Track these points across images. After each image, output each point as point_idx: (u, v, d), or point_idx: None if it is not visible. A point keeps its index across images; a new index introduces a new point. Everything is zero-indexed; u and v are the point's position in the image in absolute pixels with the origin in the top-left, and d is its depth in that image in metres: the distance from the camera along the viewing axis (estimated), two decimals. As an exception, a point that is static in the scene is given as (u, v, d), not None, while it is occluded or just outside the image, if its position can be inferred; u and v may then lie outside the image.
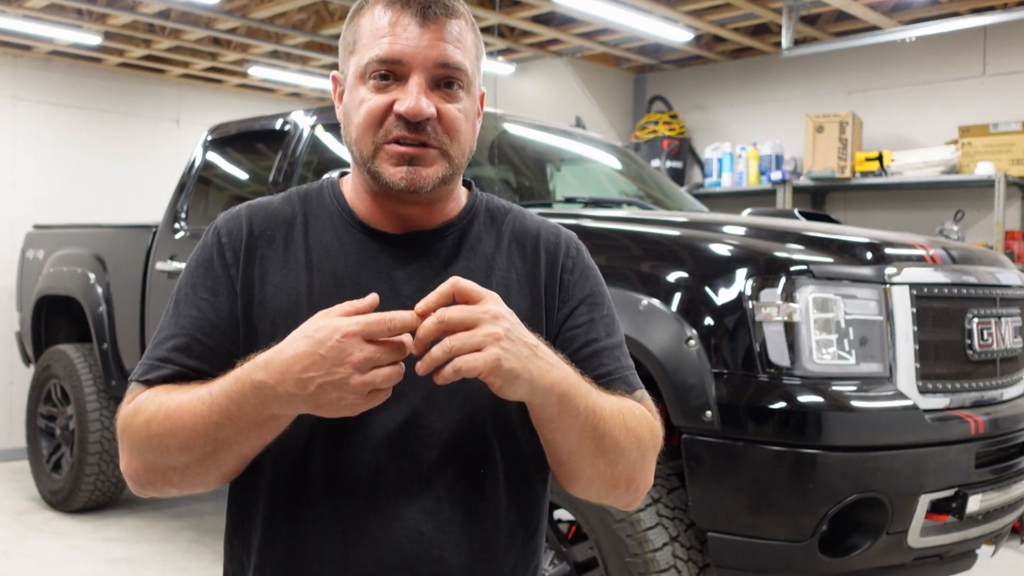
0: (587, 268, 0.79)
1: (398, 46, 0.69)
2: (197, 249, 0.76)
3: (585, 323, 0.75)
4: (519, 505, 0.74)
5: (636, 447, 0.70)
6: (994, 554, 1.83)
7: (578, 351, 0.74)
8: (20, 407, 3.76)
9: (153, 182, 4.29)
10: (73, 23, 3.61)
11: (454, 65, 0.70)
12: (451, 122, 0.70)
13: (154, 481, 0.68)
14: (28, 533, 2.96)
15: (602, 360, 0.74)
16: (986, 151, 3.22)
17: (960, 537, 1.58)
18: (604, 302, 0.78)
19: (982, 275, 1.72)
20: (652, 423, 0.74)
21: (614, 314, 0.78)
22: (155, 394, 0.68)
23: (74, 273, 3.13)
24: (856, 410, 1.45)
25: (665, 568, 1.50)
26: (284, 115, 2.55)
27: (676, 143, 4.12)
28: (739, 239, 1.64)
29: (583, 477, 0.70)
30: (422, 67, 0.69)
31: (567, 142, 2.68)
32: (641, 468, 0.72)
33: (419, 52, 0.69)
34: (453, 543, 0.70)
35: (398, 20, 0.69)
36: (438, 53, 0.69)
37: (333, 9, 3.68)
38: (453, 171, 0.72)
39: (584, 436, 0.67)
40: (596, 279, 0.79)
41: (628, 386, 0.75)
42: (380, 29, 0.70)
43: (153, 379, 0.70)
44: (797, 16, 3.29)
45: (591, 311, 0.76)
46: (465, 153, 0.73)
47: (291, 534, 0.71)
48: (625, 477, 0.71)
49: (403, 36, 0.69)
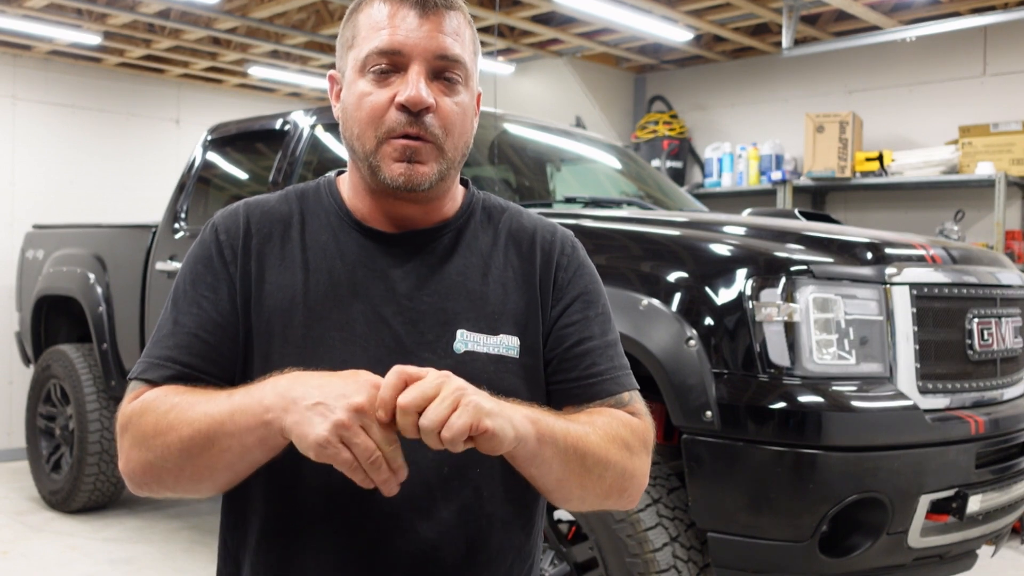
0: (582, 266, 0.78)
1: (398, 37, 0.69)
2: (195, 246, 0.75)
3: (578, 321, 0.74)
4: (515, 504, 0.74)
5: (621, 454, 0.70)
6: (994, 554, 1.83)
7: (570, 349, 0.74)
8: (20, 407, 3.76)
9: (153, 182, 4.29)
10: (73, 23, 3.61)
11: (453, 57, 0.70)
12: (448, 115, 0.70)
13: (150, 482, 0.68)
14: (28, 533, 2.96)
15: (594, 359, 0.74)
16: (986, 151, 3.22)
17: (960, 537, 1.58)
18: (599, 300, 0.77)
19: (982, 275, 1.71)
20: (634, 424, 0.73)
21: (609, 313, 0.78)
22: (165, 394, 0.67)
23: (74, 273, 3.13)
24: (856, 410, 1.45)
25: (665, 568, 1.49)
26: (284, 115, 2.55)
27: (676, 143, 4.12)
28: (739, 239, 1.64)
29: (574, 498, 0.70)
30: (421, 57, 0.69)
31: (567, 142, 2.68)
32: (631, 474, 0.71)
33: (419, 43, 0.69)
34: (449, 543, 0.70)
35: (397, 12, 0.69)
36: (437, 44, 0.69)
37: (333, 9, 3.68)
38: (448, 167, 0.71)
39: (567, 461, 0.66)
40: (591, 277, 0.78)
41: (620, 386, 0.74)
42: (379, 22, 0.70)
43: (155, 378, 0.69)
44: (797, 16, 3.29)
45: (585, 309, 0.75)
46: (459, 149, 0.72)
47: (286, 535, 0.70)
48: (616, 487, 0.70)
49: (402, 27, 0.69)
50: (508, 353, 0.72)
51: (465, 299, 0.73)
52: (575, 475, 0.67)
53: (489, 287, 0.73)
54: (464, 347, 0.71)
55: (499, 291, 0.74)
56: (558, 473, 0.66)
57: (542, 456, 0.64)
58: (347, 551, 0.69)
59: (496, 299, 0.73)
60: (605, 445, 0.68)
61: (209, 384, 0.69)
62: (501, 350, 0.72)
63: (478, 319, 0.72)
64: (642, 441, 0.72)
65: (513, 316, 0.73)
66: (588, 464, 0.67)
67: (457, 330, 0.71)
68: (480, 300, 0.73)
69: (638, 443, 0.72)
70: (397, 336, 0.71)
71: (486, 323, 0.72)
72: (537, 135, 2.58)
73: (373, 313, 0.71)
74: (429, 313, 0.72)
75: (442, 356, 0.70)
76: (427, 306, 0.72)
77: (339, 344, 0.70)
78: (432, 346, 0.71)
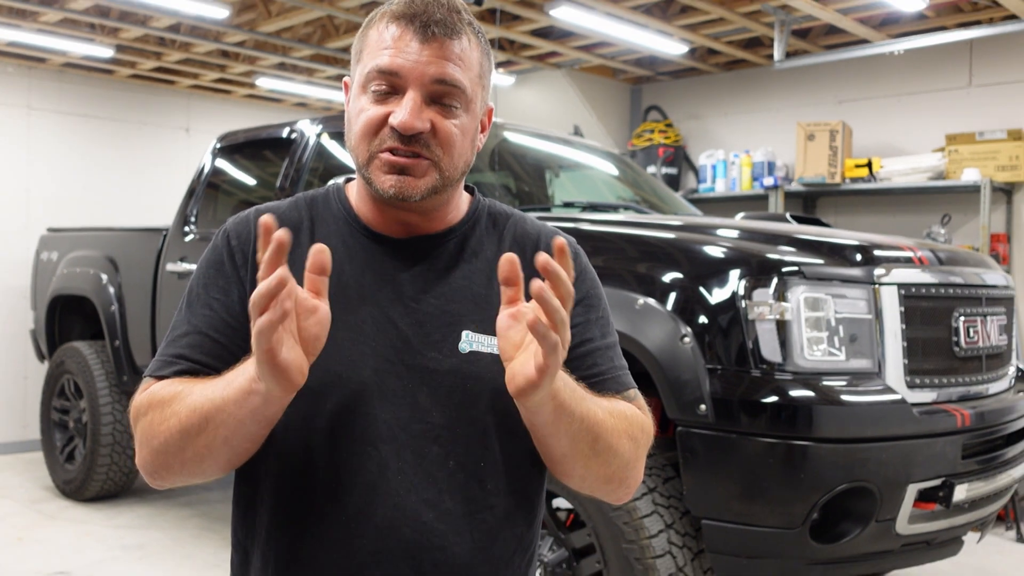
0: (583, 271, 0.79)
1: (398, 60, 0.71)
2: (208, 251, 0.78)
3: (580, 324, 0.76)
4: (518, 496, 0.75)
5: (630, 448, 0.72)
6: (980, 540, 1.87)
7: (572, 350, 0.74)
8: (35, 401, 3.84)
9: (163, 188, 4.35)
10: (86, 36, 3.68)
11: (451, 82, 0.71)
12: (446, 137, 0.71)
13: (160, 470, 0.69)
14: (42, 521, 3.00)
15: (595, 360, 0.76)
16: (972, 158, 3.28)
17: (947, 525, 1.62)
18: (600, 304, 0.79)
19: (968, 276, 1.76)
20: (644, 422, 0.75)
21: (609, 316, 0.80)
22: (171, 384, 0.70)
23: (87, 274, 3.19)
24: (846, 404, 1.49)
25: (661, 554, 1.53)
26: (291, 124, 2.61)
27: (671, 150, 4.17)
28: (733, 242, 1.68)
29: (576, 476, 0.72)
30: (418, 82, 0.71)
31: (565, 149, 2.73)
32: (634, 467, 0.73)
33: (416, 67, 0.70)
34: (453, 532, 0.71)
35: (402, 35, 0.71)
36: (436, 70, 0.71)
37: (339, 23, 3.75)
38: (444, 183, 0.73)
39: (578, 440, 0.68)
40: (592, 282, 0.80)
41: (620, 385, 0.76)
42: (384, 42, 0.72)
43: (167, 375, 0.72)
44: (789, 30, 3.35)
45: (587, 312, 0.77)
46: (458, 167, 0.74)
47: (295, 524, 0.72)
48: (619, 475, 0.72)
49: (404, 51, 0.71)
50: None
51: (470, 302, 0.74)
52: (581, 455, 0.69)
53: (494, 291, 0.74)
54: (469, 347, 0.73)
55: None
56: (565, 447, 0.68)
57: (554, 428, 0.66)
58: (353, 542, 0.70)
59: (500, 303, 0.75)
60: (617, 434, 0.70)
61: None
62: None
63: (483, 321, 0.73)
64: (647, 437, 0.75)
65: None
66: (598, 447, 0.69)
67: (462, 331, 0.73)
68: (485, 303, 0.74)
69: (644, 438, 0.74)
70: (404, 337, 0.72)
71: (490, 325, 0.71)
72: (536, 143, 2.63)
73: (381, 315, 0.73)
74: (435, 315, 0.73)
75: (448, 356, 0.72)
76: (433, 308, 0.74)
77: (348, 344, 0.71)
78: (439, 346, 0.72)
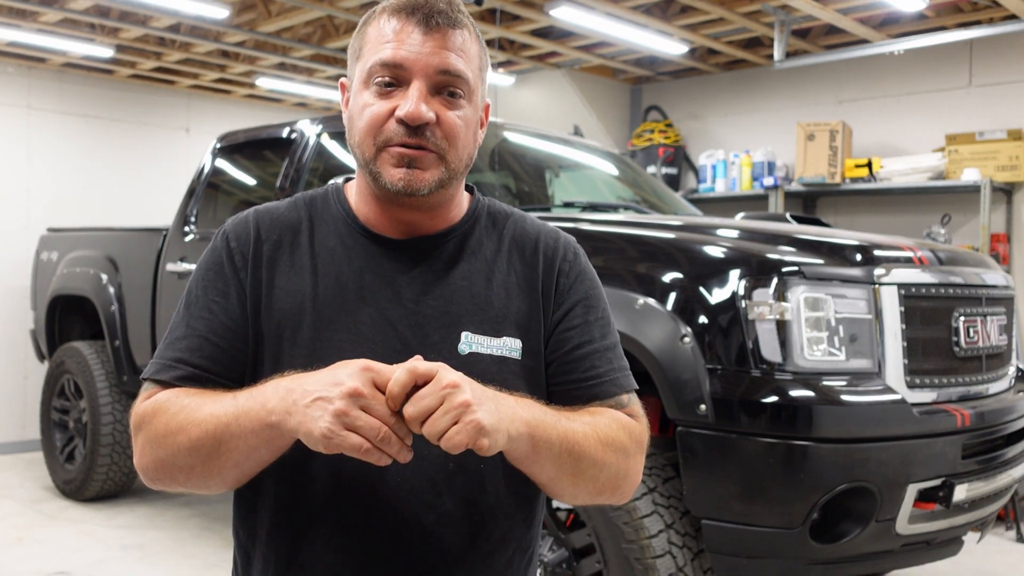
0: (583, 272, 0.79)
1: (401, 52, 0.70)
2: (207, 253, 0.77)
3: (579, 325, 0.76)
4: (517, 497, 0.75)
5: (616, 457, 0.71)
6: (980, 540, 1.87)
7: (571, 352, 0.75)
8: (35, 401, 3.85)
9: (163, 188, 4.35)
10: (86, 37, 3.68)
11: (455, 72, 0.71)
12: (450, 128, 0.71)
13: (163, 478, 0.70)
14: (43, 520, 3.01)
15: (594, 361, 0.76)
16: (972, 158, 3.28)
17: (947, 524, 1.62)
18: (599, 305, 0.79)
19: (968, 276, 1.76)
20: (632, 427, 0.74)
21: (609, 317, 0.79)
22: (176, 395, 0.69)
23: (87, 274, 3.19)
24: (845, 404, 1.49)
25: (661, 553, 1.53)
26: (291, 124, 2.61)
27: (671, 150, 4.17)
28: (733, 242, 1.68)
29: (567, 494, 0.72)
30: (423, 73, 0.70)
31: (565, 149, 2.73)
32: (625, 475, 0.73)
33: (420, 58, 0.70)
34: (453, 535, 0.72)
35: (403, 28, 0.71)
36: (439, 60, 0.71)
37: (338, 23, 3.75)
38: (450, 176, 0.73)
39: (561, 463, 0.68)
40: (592, 282, 0.80)
41: (618, 388, 0.76)
42: (385, 36, 0.72)
43: (167, 379, 0.71)
44: (789, 30, 3.35)
45: (586, 313, 0.77)
46: (463, 159, 0.74)
47: (295, 527, 0.72)
48: (610, 486, 0.72)
49: (407, 43, 0.71)
50: (511, 355, 0.74)
51: (469, 303, 0.74)
52: (568, 475, 0.69)
53: (493, 291, 0.74)
54: (468, 348, 0.73)
55: (502, 295, 0.75)
56: (551, 473, 0.69)
57: (535, 458, 0.67)
58: (354, 543, 0.71)
59: (499, 303, 0.75)
60: (601, 448, 0.70)
61: (218, 385, 0.71)
62: (504, 352, 0.73)
63: (482, 322, 0.74)
64: (637, 443, 0.74)
65: (516, 319, 0.75)
66: (583, 466, 0.69)
67: (462, 332, 0.73)
68: (484, 304, 0.74)
69: (634, 445, 0.74)
70: (404, 338, 0.72)
71: (490, 326, 0.73)
72: (536, 143, 2.63)
73: (380, 316, 0.73)
74: (434, 316, 0.73)
75: (447, 357, 0.71)
76: (432, 309, 0.73)
77: (347, 346, 0.71)
78: (437, 348, 0.72)
